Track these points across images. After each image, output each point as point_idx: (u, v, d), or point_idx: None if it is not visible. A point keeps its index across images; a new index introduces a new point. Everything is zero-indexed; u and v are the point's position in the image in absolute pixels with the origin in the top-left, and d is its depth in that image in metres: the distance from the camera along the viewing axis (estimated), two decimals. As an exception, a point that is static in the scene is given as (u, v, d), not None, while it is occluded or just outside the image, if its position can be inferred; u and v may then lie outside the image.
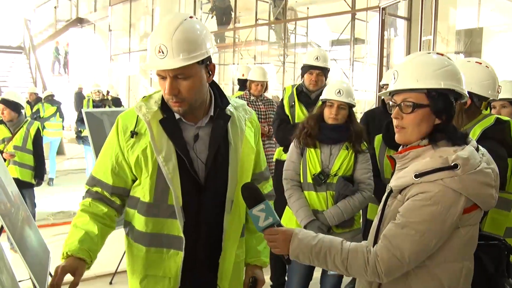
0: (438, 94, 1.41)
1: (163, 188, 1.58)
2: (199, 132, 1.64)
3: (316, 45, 10.97)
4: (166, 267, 1.63)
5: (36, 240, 2.41)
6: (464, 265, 1.42)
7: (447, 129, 1.44)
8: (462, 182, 1.34)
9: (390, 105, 1.50)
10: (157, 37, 1.52)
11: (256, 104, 4.68)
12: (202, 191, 1.62)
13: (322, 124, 2.71)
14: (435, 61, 1.45)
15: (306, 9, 11.51)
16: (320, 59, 3.38)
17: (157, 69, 1.53)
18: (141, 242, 1.65)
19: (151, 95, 1.70)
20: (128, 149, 1.60)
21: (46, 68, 16.06)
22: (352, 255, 1.43)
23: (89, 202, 1.65)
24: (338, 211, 2.62)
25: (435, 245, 1.37)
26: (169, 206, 1.59)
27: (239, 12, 12.09)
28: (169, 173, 1.56)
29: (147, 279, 1.65)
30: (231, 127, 1.68)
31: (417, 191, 1.38)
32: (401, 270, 1.40)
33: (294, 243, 1.48)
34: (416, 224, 1.36)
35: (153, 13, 14.77)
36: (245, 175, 1.69)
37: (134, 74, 16.02)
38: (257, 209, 1.51)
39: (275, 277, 3.66)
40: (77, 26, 17.53)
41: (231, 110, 1.70)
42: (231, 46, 11.86)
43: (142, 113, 1.61)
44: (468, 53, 9.95)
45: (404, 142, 1.49)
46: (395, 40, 9.37)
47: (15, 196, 2.40)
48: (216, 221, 1.64)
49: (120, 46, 16.44)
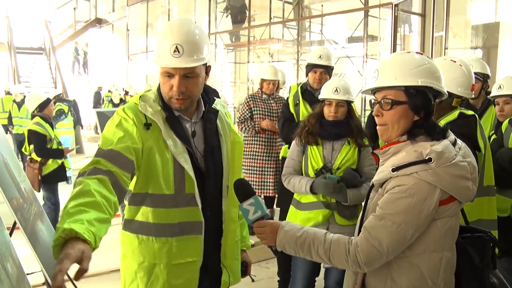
0: (416, 91, 1.48)
1: (180, 179, 1.71)
2: (195, 127, 1.81)
3: (334, 42, 10.94)
4: (191, 252, 1.75)
5: (48, 234, 2.53)
6: (444, 255, 1.48)
7: (425, 125, 1.50)
8: (436, 175, 1.40)
9: (372, 102, 1.57)
10: (172, 37, 1.65)
11: (268, 102, 4.76)
12: (205, 179, 1.77)
13: (323, 120, 2.76)
14: (414, 60, 1.51)
15: (321, 6, 11.49)
16: (323, 58, 3.43)
17: (172, 67, 1.65)
18: (165, 234, 1.72)
19: (144, 95, 1.78)
20: (144, 136, 1.67)
21: (66, 68, 16.38)
22: (334, 245, 1.50)
23: (96, 181, 1.48)
24: (353, 191, 2.65)
25: (412, 235, 1.43)
26: (186, 195, 1.72)
27: (254, 11, 12.12)
28: (186, 164, 1.69)
29: (174, 269, 1.73)
30: (219, 120, 1.86)
31: (394, 184, 1.45)
32: (380, 260, 1.46)
33: (281, 235, 1.55)
34: (393, 215, 1.43)
35: (170, 13, 14.94)
36: (236, 163, 1.88)
37: (152, 74, 16.23)
38: (247, 203, 1.59)
39: (282, 271, 3.72)
40: (96, 27, 17.83)
41: (217, 106, 1.88)
42: (246, 44, 11.93)
43: (150, 113, 1.70)
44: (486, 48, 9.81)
45: (385, 139, 1.56)
46: (410, 36, 9.31)
47: (28, 192, 2.53)
48: (216, 205, 1.82)
49: (138, 46, 16.67)
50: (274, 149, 4.72)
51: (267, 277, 4.25)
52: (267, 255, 4.62)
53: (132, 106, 1.73)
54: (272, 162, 4.70)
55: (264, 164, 4.69)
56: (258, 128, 4.61)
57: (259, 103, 4.72)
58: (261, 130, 4.63)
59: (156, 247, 1.72)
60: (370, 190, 1.60)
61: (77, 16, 17.98)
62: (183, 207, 1.72)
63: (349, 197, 2.64)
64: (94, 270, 4.20)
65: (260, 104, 4.71)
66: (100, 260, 4.43)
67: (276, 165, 4.71)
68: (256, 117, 4.67)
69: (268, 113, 4.72)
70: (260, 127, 4.61)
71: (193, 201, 1.72)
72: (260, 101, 4.75)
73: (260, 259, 4.57)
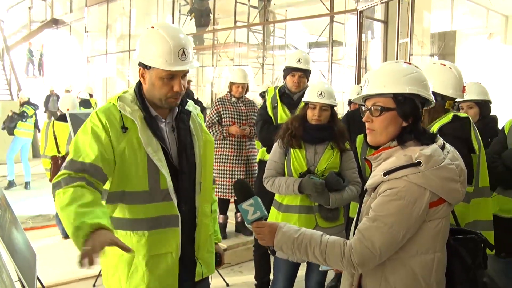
0: (405, 99, 1.55)
1: (154, 176, 1.79)
2: (169, 127, 1.91)
3: (294, 47, 11.06)
4: (167, 244, 1.84)
5: (23, 242, 2.40)
6: (435, 256, 1.53)
7: (414, 131, 1.56)
8: (426, 178, 1.46)
9: (363, 110, 1.63)
10: (176, 42, 1.75)
11: (237, 106, 4.73)
12: (179, 175, 1.87)
13: (307, 124, 2.77)
14: (402, 69, 1.59)
15: (285, 11, 11.61)
16: (302, 61, 3.44)
17: (181, 70, 1.77)
18: (141, 228, 1.81)
19: (122, 96, 1.86)
20: (116, 140, 1.75)
21: (19, 70, 15.75)
22: (330, 247, 1.55)
23: (76, 188, 1.62)
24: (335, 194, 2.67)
25: (403, 236, 1.48)
26: (162, 191, 1.80)
27: (218, 14, 12.11)
28: (160, 162, 1.78)
29: (152, 260, 1.82)
30: (191, 121, 1.97)
31: (386, 188, 1.50)
32: (373, 261, 1.51)
33: (279, 236, 1.60)
34: (385, 217, 1.48)
35: (130, 15, 14.67)
36: (208, 161, 1.99)
37: (111, 77, 15.87)
38: (247, 204, 1.63)
39: (259, 276, 3.71)
40: (52, 27, 17.27)
41: (190, 107, 2.00)
42: (210, 48, 11.87)
43: (128, 112, 1.79)
44: (442, 56, 10.22)
45: (374, 143, 1.62)
46: (372, 42, 9.54)
47: (1, 198, 2.39)
48: (190, 200, 1.91)
49: (97, 48, 16.27)
50: (244, 152, 4.69)
51: (242, 281, 4.21)
52: (240, 259, 4.60)
53: (107, 108, 1.81)
54: (242, 165, 4.66)
55: (234, 168, 4.64)
56: (226, 133, 4.58)
57: (228, 107, 4.69)
58: (228, 135, 4.60)
59: (134, 240, 1.80)
60: (363, 194, 1.65)
61: (32, 16, 17.34)
62: (158, 202, 1.81)
63: (331, 201, 2.66)
64: (65, 278, 4.10)
65: (229, 108, 4.68)
66: (69, 268, 4.31)
67: (246, 168, 4.68)
68: (225, 121, 4.63)
69: (238, 116, 4.69)
70: (229, 132, 4.58)
71: (168, 196, 1.81)
72: (230, 104, 4.72)
73: (233, 263, 4.54)
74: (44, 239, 5.32)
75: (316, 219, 2.73)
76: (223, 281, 4.09)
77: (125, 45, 14.79)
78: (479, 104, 3.30)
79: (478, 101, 3.30)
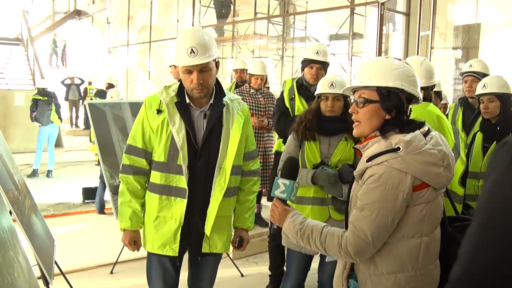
0: (388, 92, 1.60)
1: (173, 152, 2.17)
2: (202, 114, 2.22)
3: (314, 39, 10.97)
4: (173, 211, 2.20)
5: (42, 228, 2.46)
6: (422, 241, 1.56)
7: (396, 123, 1.61)
8: (405, 162, 1.51)
9: (351, 101, 1.70)
10: (187, 42, 2.09)
11: (255, 97, 4.73)
12: (198, 156, 2.18)
13: (321, 116, 2.76)
14: (390, 64, 1.65)
15: (305, 3, 11.51)
16: (320, 54, 3.42)
17: (191, 65, 2.08)
18: (155, 191, 2.22)
19: (170, 86, 2.27)
20: (152, 119, 2.19)
21: (43, 60, 16.01)
22: (329, 238, 1.61)
23: (129, 180, 2.24)
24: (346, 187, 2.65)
25: (392, 221, 1.53)
26: (178, 166, 2.16)
27: (238, 6, 12.08)
28: (179, 141, 2.14)
29: (158, 219, 2.23)
30: (225, 113, 2.25)
31: (369, 175, 1.57)
32: (368, 249, 1.55)
33: (286, 223, 1.70)
34: (370, 204, 1.53)
35: (152, 6, 14.75)
36: (232, 150, 2.21)
37: (132, 68, 16.01)
38: (283, 181, 1.73)
39: (274, 266, 3.73)
40: (75, 18, 17.49)
41: (227, 101, 2.27)
42: (230, 39, 11.87)
43: (162, 97, 2.20)
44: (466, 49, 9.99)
45: (359, 134, 1.69)
46: (393, 35, 9.40)
47: (21, 185, 2.45)
48: (206, 181, 2.19)
49: (118, 39, 16.42)
50: (262, 144, 4.69)
51: (256, 272, 4.24)
52: (255, 250, 4.62)
53: (155, 94, 2.26)
54: (259, 157, 4.66)
55: (251, 159, 4.65)
56: None
57: (247, 98, 4.70)
58: None
59: (150, 199, 2.25)
60: (352, 182, 1.71)
61: (55, 7, 17.58)
62: (173, 174, 2.18)
63: (344, 192, 2.64)
64: (82, 265, 4.18)
65: (248, 99, 4.69)
66: (88, 255, 4.40)
67: (263, 159, 4.69)
68: (244, 112, 4.64)
69: (256, 108, 4.70)
70: None
71: (182, 171, 2.16)
72: (248, 95, 4.73)
73: (248, 254, 4.56)
74: (64, 226, 5.44)
75: (329, 211, 2.72)
76: (237, 271, 4.13)
77: (146, 36, 14.89)
78: (500, 98, 3.25)
79: (499, 94, 3.24)
